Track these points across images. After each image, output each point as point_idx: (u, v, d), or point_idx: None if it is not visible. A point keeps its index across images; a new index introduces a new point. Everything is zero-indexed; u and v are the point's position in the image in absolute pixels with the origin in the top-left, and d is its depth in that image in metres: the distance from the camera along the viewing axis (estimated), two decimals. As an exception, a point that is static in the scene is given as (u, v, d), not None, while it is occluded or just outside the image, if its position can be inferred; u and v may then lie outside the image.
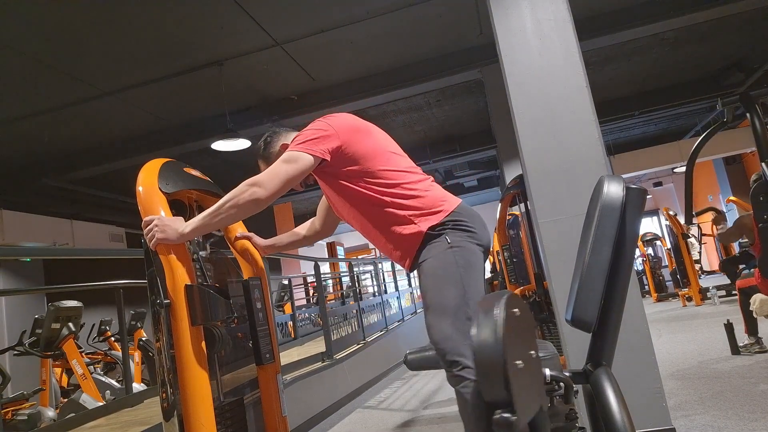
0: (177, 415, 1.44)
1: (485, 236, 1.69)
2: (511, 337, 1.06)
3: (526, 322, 1.19)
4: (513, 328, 1.08)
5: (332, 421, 4.12)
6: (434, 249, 1.62)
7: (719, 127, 3.44)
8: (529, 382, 1.13)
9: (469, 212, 1.70)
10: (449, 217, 1.64)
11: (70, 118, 6.45)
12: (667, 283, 10.30)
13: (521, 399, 1.04)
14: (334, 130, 1.67)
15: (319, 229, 2.06)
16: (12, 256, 7.18)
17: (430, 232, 1.63)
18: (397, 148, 1.82)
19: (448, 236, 1.61)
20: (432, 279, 1.60)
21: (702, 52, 7.63)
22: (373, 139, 1.74)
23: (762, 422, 2.60)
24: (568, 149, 2.68)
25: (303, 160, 1.60)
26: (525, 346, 1.14)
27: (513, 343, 1.06)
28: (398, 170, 1.71)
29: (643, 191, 1.32)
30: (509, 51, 2.82)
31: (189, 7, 4.59)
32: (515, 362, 1.05)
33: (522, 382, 1.06)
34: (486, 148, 9.52)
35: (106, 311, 7.18)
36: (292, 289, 8.19)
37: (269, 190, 1.55)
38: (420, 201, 1.66)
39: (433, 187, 1.73)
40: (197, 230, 1.55)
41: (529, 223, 4.09)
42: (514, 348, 1.06)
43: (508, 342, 1.04)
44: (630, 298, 1.49)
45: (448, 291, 1.55)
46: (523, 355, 1.10)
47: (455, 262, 1.58)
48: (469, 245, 1.62)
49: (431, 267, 1.61)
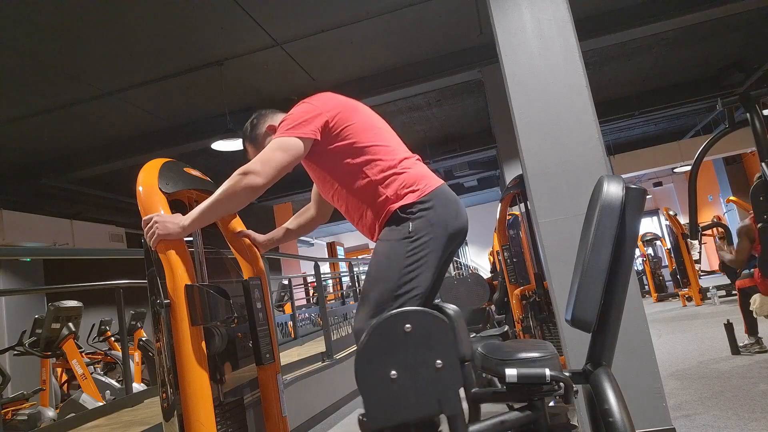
0: (177, 415, 1.44)
1: (459, 223, 1.65)
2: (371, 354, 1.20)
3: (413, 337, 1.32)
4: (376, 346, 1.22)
5: (332, 421, 4.12)
6: (392, 233, 1.60)
7: (721, 135, 3.44)
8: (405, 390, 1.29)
9: (446, 197, 1.66)
10: (424, 199, 1.61)
11: (70, 118, 6.45)
12: (667, 283, 10.30)
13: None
14: (320, 109, 1.68)
15: (314, 215, 2.06)
16: (12, 256, 7.19)
17: (399, 213, 1.60)
18: (383, 123, 1.81)
19: (412, 223, 1.59)
20: (374, 265, 1.60)
21: (702, 52, 7.63)
22: (359, 115, 1.74)
23: (762, 422, 2.60)
24: (568, 149, 2.68)
25: (295, 146, 1.60)
26: (403, 358, 1.31)
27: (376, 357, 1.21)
28: (382, 145, 1.70)
29: (643, 191, 1.32)
30: (509, 51, 2.82)
31: (189, 7, 4.59)
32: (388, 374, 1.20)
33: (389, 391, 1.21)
34: (486, 148, 9.52)
35: (106, 311, 7.18)
36: (292, 289, 8.20)
37: (264, 176, 1.55)
38: (400, 177, 1.64)
39: (416, 165, 1.72)
40: (197, 221, 1.55)
41: (529, 223, 4.09)
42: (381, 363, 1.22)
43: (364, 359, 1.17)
44: (630, 298, 1.49)
45: (380, 284, 1.55)
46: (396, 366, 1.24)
47: (404, 254, 1.56)
48: (429, 240, 1.58)
49: (379, 252, 1.61)
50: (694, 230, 3.54)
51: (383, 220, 1.64)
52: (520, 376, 1.29)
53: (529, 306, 3.94)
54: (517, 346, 1.45)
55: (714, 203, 14.17)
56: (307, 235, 16.21)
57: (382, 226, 1.64)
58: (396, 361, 1.29)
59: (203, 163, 7.96)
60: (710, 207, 14.23)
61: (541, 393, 1.32)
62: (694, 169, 3.43)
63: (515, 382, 1.29)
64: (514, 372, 1.30)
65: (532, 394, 1.34)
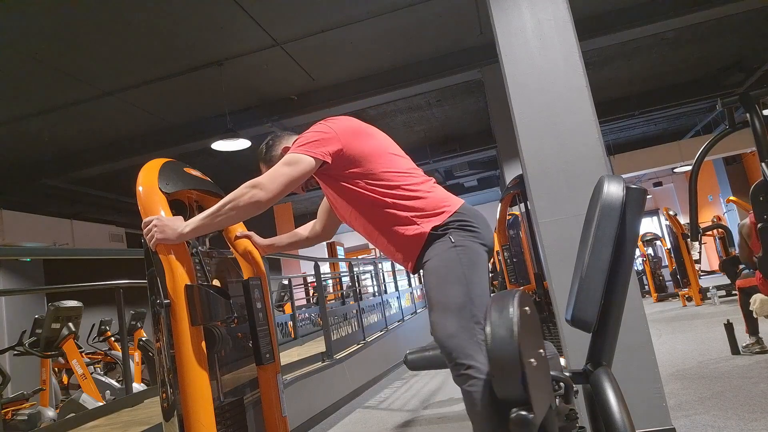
0: (177, 415, 1.44)
1: (489, 236, 1.69)
2: (525, 336, 1.06)
3: (535, 321, 1.20)
4: (526, 326, 1.08)
5: (332, 421, 4.12)
6: (438, 248, 1.62)
7: (721, 136, 3.43)
8: (541, 380, 1.13)
9: (473, 212, 1.70)
10: (453, 218, 1.64)
11: (70, 118, 6.45)
12: (667, 283, 10.30)
13: (536, 397, 1.05)
14: (335, 133, 1.67)
15: (320, 232, 2.06)
16: (12, 256, 7.19)
17: (434, 233, 1.63)
18: (399, 149, 1.82)
19: (452, 236, 1.61)
20: (436, 277, 1.60)
21: (702, 52, 7.63)
22: (375, 141, 1.74)
23: (762, 422, 2.60)
24: (568, 149, 2.68)
25: (304, 162, 1.60)
26: (536, 344, 1.15)
27: (527, 341, 1.07)
28: (400, 172, 1.71)
29: (643, 191, 1.32)
30: (509, 51, 2.82)
31: (189, 7, 4.59)
32: (530, 360, 1.05)
33: (536, 380, 1.07)
34: (486, 148, 9.53)
35: (106, 311, 7.18)
36: (292, 289, 8.19)
37: (270, 192, 1.55)
38: (422, 202, 1.67)
39: (435, 189, 1.73)
40: (196, 230, 1.55)
41: (529, 223, 4.09)
42: (528, 346, 1.07)
43: (522, 340, 1.04)
44: (630, 298, 1.49)
45: (452, 289, 1.55)
46: (535, 354, 1.10)
47: (459, 260, 1.58)
48: (472, 244, 1.62)
49: (435, 266, 1.61)
50: (694, 231, 3.53)
51: (421, 245, 1.65)
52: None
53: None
54: (518, 346, 1.44)
55: (714, 203, 14.17)
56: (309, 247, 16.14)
57: (422, 250, 1.65)
58: (535, 345, 1.16)
59: (203, 163, 7.96)
60: (710, 207, 14.23)
61: (541, 393, 1.31)
62: (695, 169, 3.42)
63: (515, 382, 1.29)
64: (515, 372, 1.29)
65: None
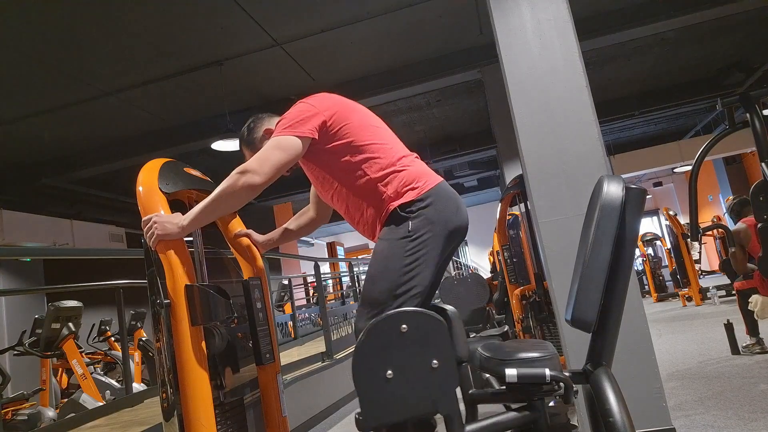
0: (177, 415, 1.44)
1: (459, 220, 1.65)
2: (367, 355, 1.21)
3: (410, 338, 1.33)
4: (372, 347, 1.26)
5: (332, 421, 4.12)
6: (392, 232, 1.60)
7: (721, 136, 3.43)
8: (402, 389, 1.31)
9: (446, 194, 1.66)
10: (423, 196, 1.61)
11: (70, 118, 6.45)
12: (667, 283, 10.31)
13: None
14: (317, 108, 1.68)
15: (314, 216, 2.06)
16: (12, 256, 7.19)
17: (398, 212, 1.61)
18: (381, 122, 1.81)
19: (411, 222, 1.59)
20: (373, 265, 1.61)
21: (702, 52, 7.63)
22: (356, 114, 1.74)
23: (762, 422, 2.60)
24: (568, 149, 2.68)
25: (293, 145, 1.60)
26: (397, 359, 1.33)
27: (372, 358, 1.22)
28: (381, 143, 1.70)
29: (643, 191, 1.32)
30: (509, 51, 2.82)
31: (189, 7, 4.59)
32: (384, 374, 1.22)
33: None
34: (486, 148, 9.52)
35: (106, 311, 7.17)
36: (292, 289, 8.20)
37: (263, 175, 1.55)
38: (400, 175, 1.65)
39: (415, 163, 1.72)
40: (196, 221, 1.55)
41: (529, 223, 4.09)
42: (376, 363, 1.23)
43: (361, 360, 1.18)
44: (630, 298, 1.49)
45: (379, 284, 1.56)
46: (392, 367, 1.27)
47: (403, 254, 1.56)
48: (428, 238, 1.58)
49: (378, 251, 1.61)
50: (694, 231, 3.53)
51: (383, 219, 1.64)
52: (520, 376, 1.29)
53: (529, 306, 3.93)
54: (517, 346, 1.44)
55: (714, 203, 14.17)
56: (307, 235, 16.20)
57: (383, 225, 1.64)
58: (392, 361, 1.31)
59: (203, 163, 7.95)
60: (710, 207, 14.23)
61: (541, 393, 1.32)
62: (695, 169, 3.42)
63: (515, 382, 1.29)
64: (514, 372, 1.30)
65: (532, 394, 1.34)
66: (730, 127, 3.40)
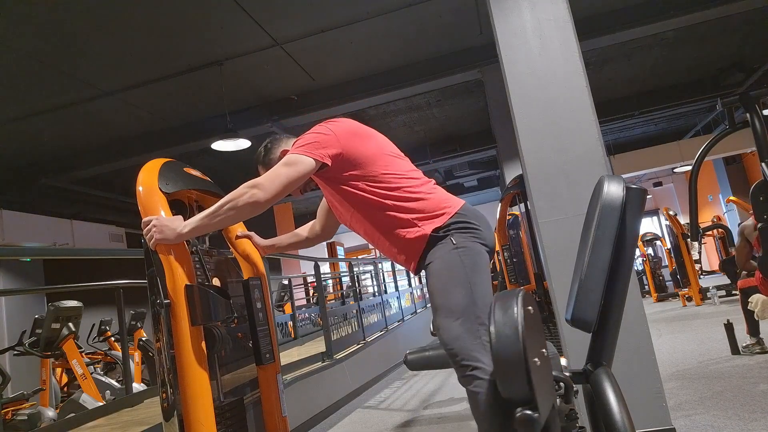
0: (177, 415, 1.44)
1: (489, 236, 1.69)
2: (529, 335, 1.06)
3: (538, 321, 1.21)
4: (530, 326, 1.09)
5: (332, 421, 4.12)
6: (440, 250, 1.62)
7: (721, 136, 3.43)
8: (545, 380, 1.14)
9: (474, 213, 1.70)
10: (453, 219, 1.64)
11: (70, 118, 6.45)
12: (667, 283, 10.31)
13: (541, 396, 1.05)
14: (335, 135, 1.67)
15: (319, 232, 2.06)
16: (12, 256, 7.19)
17: (435, 234, 1.63)
18: (398, 151, 1.82)
19: (453, 237, 1.61)
20: (439, 280, 1.60)
21: (702, 52, 7.63)
22: (374, 143, 1.74)
23: (762, 422, 2.60)
24: (568, 149, 2.68)
25: (303, 164, 1.59)
26: (539, 344, 1.16)
27: (531, 340, 1.07)
28: (400, 173, 1.71)
29: (643, 191, 1.32)
30: (509, 51, 2.82)
31: (189, 7, 4.59)
32: (534, 359, 1.06)
33: (539, 379, 1.07)
34: (486, 148, 9.53)
35: (106, 311, 7.18)
36: (292, 289, 8.19)
37: (268, 192, 1.55)
38: (423, 204, 1.67)
39: (436, 190, 1.73)
40: (195, 230, 1.55)
41: (529, 223, 4.09)
42: (532, 345, 1.07)
43: (527, 339, 1.04)
44: (630, 298, 1.49)
45: (455, 292, 1.55)
46: (538, 353, 1.11)
47: (461, 262, 1.58)
48: (474, 245, 1.62)
49: (438, 268, 1.61)
50: (694, 231, 3.53)
51: (422, 246, 1.65)
52: (520, 376, 1.29)
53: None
54: (518, 346, 1.44)
55: (714, 203, 14.17)
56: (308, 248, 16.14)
57: (423, 250, 1.65)
58: (538, 346, 1.16)
59: (203, 163, 7.96)
60: (710, 207, 14.23)
61: (541, 393, 1.31)
62: (695, 169, 3.41)
63: (515, 382, 1.29)
64: (515, 372, 1.29)
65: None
66: (730, 127, 3.40)
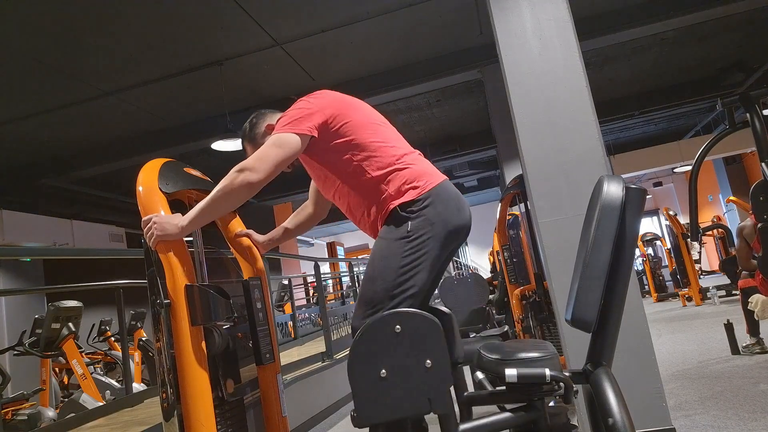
0: (177, 415, 1.44)
1: (460, 218, 1.64)
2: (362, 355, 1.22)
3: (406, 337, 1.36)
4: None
5: (332, 421, 4.12)
6: (391, 232, 1.60)
7: (722, 136, 3.43)
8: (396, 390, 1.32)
9: (447, 194, 1.65)
10: (424, 196, 1.60)
11: (70, 118, 6.45)
12: (667, 283, 10.31)
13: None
14: (318, 107, 1.67)
15: (312, 212, 2.05)
16: (12, 256, 7.18)
17: (398, 211, 1.60)
18: (383, 119, 1.80)
19: (411, 223, 1.58)
20: (371, 264, 1.61)
21: (702, 52, 7.63)
22: (358, 112, 1.74)
23: (762, 422, 2.60)
24: (568, 149, 2.68)
25: (291, 142, 1.59)
26: (390, 358, 1.35)
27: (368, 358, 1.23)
28: (384, 142, 1.70)
29: (643, 191, 1.32)
30: (509, 51, 2.82)
31: (189, 7, 4.59)
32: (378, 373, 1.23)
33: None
34: (486, 148, 9.52)
35: (106, 311, 7.18)
36: (292, 289, 8.20)
37: (261, 172, 1.54)
38: (401, 174, 1.64)
39: (418, 161, 1.71)
40: (195, 221, 1.55)
41: (529, 223, 4.09)
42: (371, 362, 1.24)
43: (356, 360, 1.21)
44: (630, 298, 1.49)
45: (376, 283, 1.56)
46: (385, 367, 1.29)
47: (401, 254, 1.55)
48: (428, 239, 1.57)
49: (377, 250, 1.61)
50: (695, 231, 3.53)
51: (383, 218, 1.64)
52: (520, 376, 1.29)
53: (529, 306, 3.93)
54: (517, 346, 1.44)
55: (714, 203, 14.17)
56: (307, 235, 16.19)
57: (383, 224, 1.64)
58: (386, 360, 1.34)
59: (203, 163, 7.96)
60: (710, 207, 14.23)
61: (541, 393, 1.32)
62: (695, 169, 3.41)
63: (515, 381, 1.29)
64: (514, 372, 1.30)
65: (532, 394, 1.34)
66: (730, 127, 3.40)
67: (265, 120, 1.89)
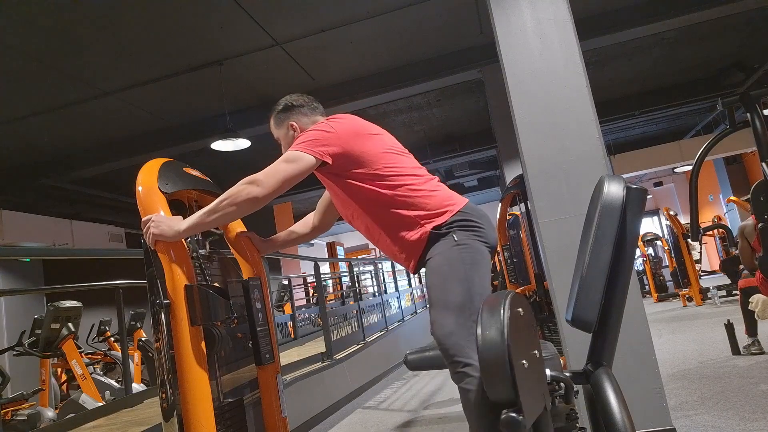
0: (177, 415, 1.44)
1: (492, 235, 1.69)
2: (515, 337, 1.05)
3: (529, 322, 1.20)
4: (517, 327, 1.08)
5: (332, 421, 4.12)
6: (440, 246, 1.62)
7: (722, 136, 3.43)
8: (534, 382, 1.13)
9: (477, 211, 1.70)
10: (456, 217, 1.64)
11: (70, 118, 6.45)
12: (667, 283, 10.30)
13: (527, 399, 1.04)
14: (336, 133, 1.66)
15: (316, 225, 2.06)
16: (12, 256, 7.19)
17: (436, 231, 1.63)
18: (402, 148, 1.82)
19: (455, 234, 1.61)
20: (437, 275, 1.59)
21: (702, 52, 7.63)
22: (378, 141, 1.74)
23: (762, 422, 2.60)
24: (568, 149, 2.68)
25: (303, 161, 1.60)
26: (529, 345, 1.14)
27: (518, 342, 1.06)
28: (404, 171, 1.71)
29: (644, 191, 1.31)
30: (509, 51, 2.82)
31: (189, 7, 4.59)
32: (521, 362, 1.05)
33: (527, 381, 1.06)
34: (486, 148, 9.52)
35: (106, 311, 7.17)
36: (292, 289, 8.18)
37: (267, 188, 1.55)
38: (426, 201, 1.66)
39: (440, 188, 1.73)
40: (194, 228, 1.54)
41: (529, 223, 4.08)
42: (519, 348, 1.06)
43: (513, 342, 1.03)
44: (630, 298, 1.49)
45: (452, 287, 1.55)
46: (527, 355, 1.09)
47: (461, 259, 1.58)
48: (475, 243, 1.62)
49: (437, 264, 1.61)
50: (695, 231, 3.52)
51: (423, 242, 1.65)
52: (520, 376, 1.28)
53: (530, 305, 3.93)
54: (518, 346, 1.44)
55: (714, 203, 14.17)
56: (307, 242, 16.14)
57: (425, 247, 1.65)
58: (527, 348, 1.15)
59: (203, 163, 7.94)
60: (710, 207, 14.22)
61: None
62: (695, 169, 3.41)
63: (515, 382, 1.29)
64: (515, 372, 1.29)
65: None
66: (730, 127, 3.40)
67: (296, 116, 1.88)
